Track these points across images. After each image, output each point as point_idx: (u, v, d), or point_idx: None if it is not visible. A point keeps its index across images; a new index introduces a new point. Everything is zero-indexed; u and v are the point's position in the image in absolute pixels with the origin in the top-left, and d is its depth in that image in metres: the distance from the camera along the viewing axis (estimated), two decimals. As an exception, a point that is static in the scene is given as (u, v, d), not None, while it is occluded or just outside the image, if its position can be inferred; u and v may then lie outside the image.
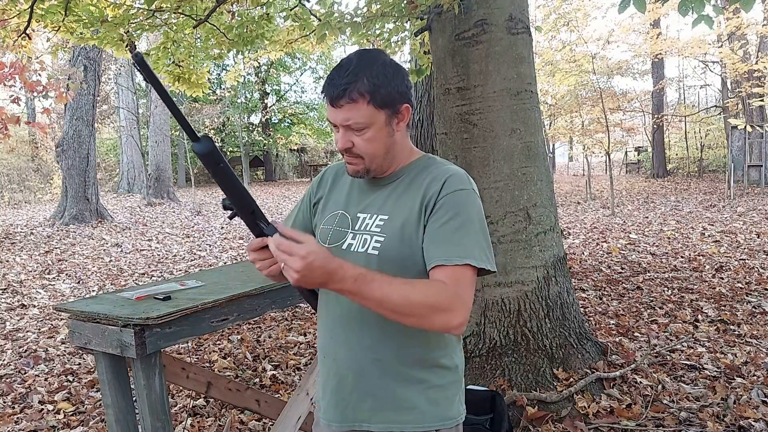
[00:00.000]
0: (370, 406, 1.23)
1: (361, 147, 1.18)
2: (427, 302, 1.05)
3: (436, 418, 1.22)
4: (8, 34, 4.34)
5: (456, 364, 1.27)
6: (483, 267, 1.13)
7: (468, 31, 3.04)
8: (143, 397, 1.82)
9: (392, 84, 1.16)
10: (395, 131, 1.21)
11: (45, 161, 22.23)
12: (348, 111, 1.14)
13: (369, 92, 1.13)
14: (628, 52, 17.55)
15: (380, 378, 1.22)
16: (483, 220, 1.18)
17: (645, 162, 21.54)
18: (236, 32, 4.34)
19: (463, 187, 1.17)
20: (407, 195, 1.21)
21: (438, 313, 1.06)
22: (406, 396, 1.21)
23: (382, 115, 1.16)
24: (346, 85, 1.13)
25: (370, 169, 1.22)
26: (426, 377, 1.22)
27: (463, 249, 1.11)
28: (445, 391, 1.24)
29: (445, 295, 1.07)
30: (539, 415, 2.72)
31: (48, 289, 6.18)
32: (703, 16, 2.45)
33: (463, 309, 1.08)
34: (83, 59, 11.22)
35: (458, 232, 1.13)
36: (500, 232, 3.03)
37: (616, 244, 7.38)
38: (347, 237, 1.25)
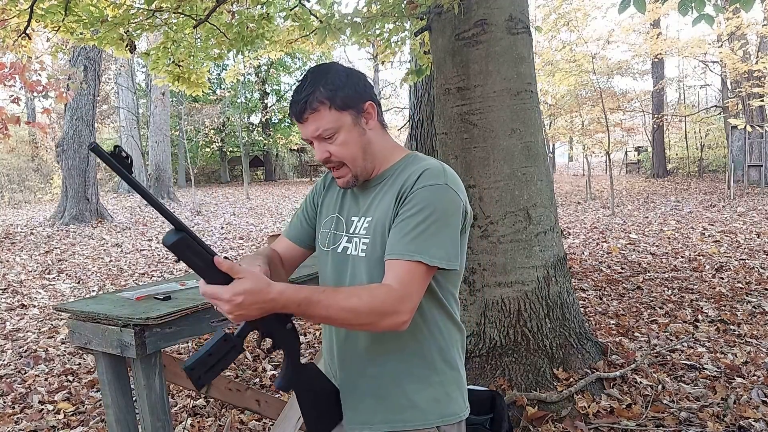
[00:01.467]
0: (371, 407, 1.23)
1: (338, 153, 1.21)
2: (373, 311, 1.07)
3: (437, 414, 1.22)
4: (8, 34, 4.34)
5: (455, 361, 1.27)
6: (436, 266, 1.12)
7: (468, 31, 3.04)
8: (143, 397, 1.82)
9: (348, 86, 1.20)
10: (366, 130, 1.23)
11: (45, 161, 22.23)
12: (314, 121, 1.18)
13: (328, 98, 1.17)
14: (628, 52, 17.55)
15: (379, 378, 1.23)
16: (452, 216, 1.15)
17: (645, 162, 21.54)
18: (236, 32, 4.33)
19: (435, 182, 1.15)
20: (388, 195, 1.22)
21: (384, 317, 1.08)
22: (406, 395, 1.21)
23: (347, 116, 1.20)
24: (305, 98, 1.18)
25: (357, 174, 1.24)
26: (425, 375, 1.22)
27: (417, 245, 1.11)
28: (445, 388, 1.24)
29: (392, 299, 1.08)
30: (539, 415, 2.72)
31: (48, 289, 6.18)
32: (703, 15, 2.44)
33: (408, 309, 1.10)
34: (83, 59, 11.22)
35: (418, 227, 1.12)
36: (500, 232, 3.03)
37: (616, 244, 7.38)
38: (342, 240, 1.28)
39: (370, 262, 1.20)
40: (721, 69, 16.14)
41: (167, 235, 0.99)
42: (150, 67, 4.75)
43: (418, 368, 1.22)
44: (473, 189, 3.08)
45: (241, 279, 1.00)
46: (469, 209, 1.23)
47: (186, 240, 0.99)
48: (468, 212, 1.22)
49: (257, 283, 1.00)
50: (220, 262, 1.00)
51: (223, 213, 13.66)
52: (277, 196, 18.28)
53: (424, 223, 1.12)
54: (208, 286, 1.01)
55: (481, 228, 3.06)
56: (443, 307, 1.24)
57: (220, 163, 28.19)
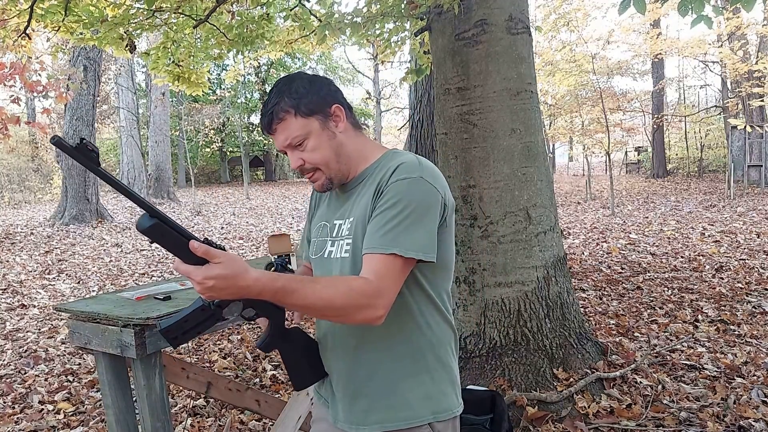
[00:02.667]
0: (364, 407, 1.24)
1: (311, 159, 1.23)
2: (349, 303, 1.08)
3: (429, 411, 1.22)
4: (8, 34, 4.34)
5: (448, 358, 1.27)
6: (412, 257, 1.12)
7: (468, 31, 3.04)
8: (143, 397, 1.82)
9: (312, 93, 1.23)
10: (336, 133, 1.25)
11: (45, 161, 22.24)
12: (282, 131, 1.22)
13: (292, 106, 1.21)
14: (628, 52, 17.55)
15: (370, 379, 1.23)
16: (427, 209, 1.15)
17: (645, 162, 21.54)
18: (236, 32, 4.33)
19: (409, 176, 1.16)
20: (367, 193, 1.23)
21: (359, 310, 1.09)
22: (398, 394, 1.22)
23: (314, 122, 1.22)
24: (271, 110, 1.22)
25: (332, 177, 1.26)
26: (417, 373, 1.22)
27: (391, 238, 1.12)
28: (438, 385, 1.24)
29: (368, 293, 1.09)
30: (539, 415, 2.72)
31: (48, 289, 6.18)
32: (702, 16, 2.44)
33: (384, 303, 1.10)
34: (83, 59, 11.22)
35: (393, 220, 1.13)
36: (500, 232, 3.03)
37: (616, 244, 7.38)
38: (327, 245, 1.30)
39: (355, 261, 1.20)
40: (721, 69, 16.14)
41: (141, 219, 0.98)
42: (150, 67, 4.75)
43: (409, 367, 1.22)
44: (473, 189, 3.08)
45: (215, 264, 0.99)
46: (451, 201, 1.23)
47: (160, 226, 0.98)
48: (448, 204, 1.21)
49: (231, 268, 0.99)
50: (195, 247, 0.98)
51: (223, 213, 13.66)
52: (277, 196, 18.28)
53: (399, 216, 1.13)
54: (183, 264, 1.01)
55: (481, 228, 3.06)
56: (434, 303, 1.24)
57: (220, 163, 28.20)
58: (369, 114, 28.21)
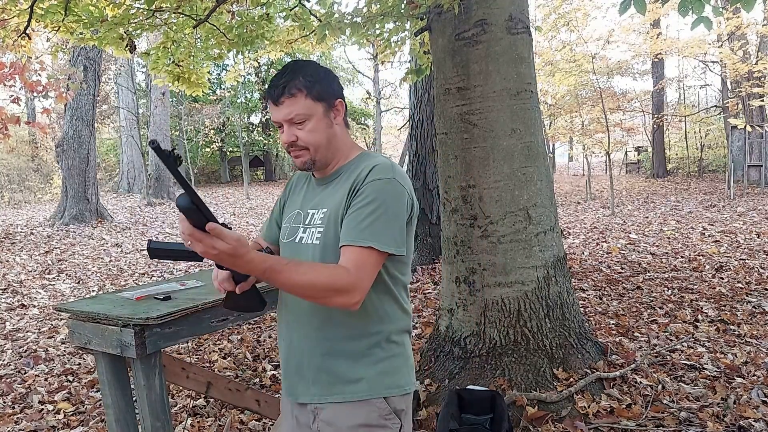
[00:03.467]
0: (326, 383, 1.34)
1: (305, 138, 1.32)
2: (329, 287, 1.19)
3: (383, 386, 1.33)
4: (8, 34, 4.34)
5: (402, 342, 1.38)
6: (386, 251, 1.24)
7: (468, 31, 3.04)
8: (143, 397, 1.82)
9: (325, 81, 1.33)
10: (333, 124, 1.36)
11: (45, 161, 22.24)
12: (289, 105, 1.30)
13: (306, 87, 1.30)
14: (628, 52, 17.52)
15: (330, 356, 1.34)
16: (399, 208, 1.27)
17: (645, 162, 21.52)
18: (236, 32, 4.33)
19: (384, 177, 1.27)
20: (342, 188, 1.34)
21: (338, 295, 1.20)
22: (354, 369, 1.32)
23: (319, 107, 1.32)
24: (285, 83, 1.30)
25: (316, 159, 1.35)
26: (372, 351, 1.33)
27: (370, 233, 1.23)
28: (392, 362, 1.35)
29: (346, 280, 1.20)
30: (539, 415, 2.72)
31: (48, 289, 6.18)
32: (702, 18, 2.44)
33: (360, 290, 1.22)
34: (83, 59, 11.22)
35: (370, 216, 1.24)
36: (500, 232, 3.03)
37: (616, 244, 7.38)
38: (299, 231, 1.40)
39: (324, 248, 1.32)
40: (721, 69, 16.13)
41: (180, 198, 1.10)
42: (150, 67, 4.75)
43: (366, 348, 1.33)
44: (473, 189, 3.08)
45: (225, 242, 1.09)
46: (416, 202, 1.35)
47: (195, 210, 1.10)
48: (414, 204, 1.33)
49: (236, 250, 1.10)
50: (210, 228, 1.08)
51: (223, 213, 13.66)
52: (276, 196, 18.26)
53: (375, 213, 1.24)
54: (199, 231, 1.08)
55: (481, 228, 3.06)
56: (390, 292, 1.35)
57: (220, 163, 28.19)
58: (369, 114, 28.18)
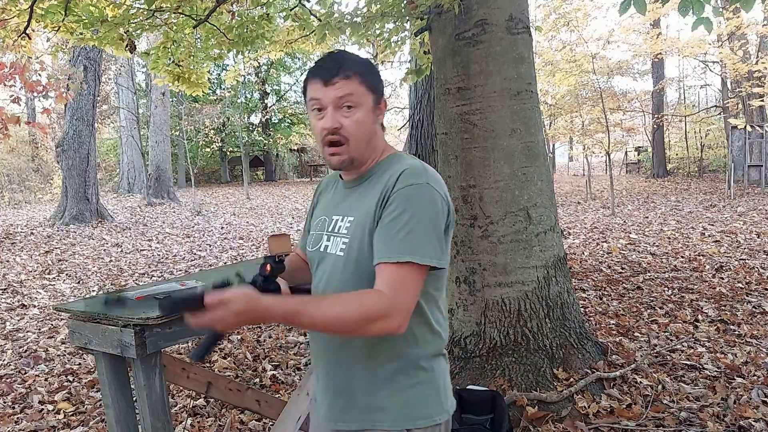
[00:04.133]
0: (343, 406, 1.26)
1: (349, 128, 1.19)
2: (361, 317, 1.07)
3: (406, 417, 1.21)
4: (8, 34, 4.34)
5: (431, 365, 1.25)
6: (427, 264, 1.11)
7: (468, 31, 3.04)
8: (143, 397, 1.82)
9: (376, 75, 1.24)
10: (377, 122, 1.25)
11: (45, 161, 22.23)
12: (342, 87, 1.17)
13: (361, 72, 1.19)
14: (628, 52, 17.54)
15: (350, 378, 1.25)
16: (435, 215, 1.15)
17: (645, 162, 21.51)
18: (236, 32, 4.34)
19: (416, 182, 1.15)
20: (370, 195, 1.22)
21: (374, 322, 1.08)
22: (375, 396, 1.22)
23: (370, 98, 1.22)
24: (340, 63, 1.18)
25: (354, 156, 1.22)
26: (396, 378, 1.22)
27: (406, 246, 1.10)
28: (419, 390, 1.22)
29: (381, 304, 1.08)
30: (539, 415, 2.72)
31: (48, 289, 6.18)
32: (702, 18, 2.44)
33: (400, 312, 1.09)
34: (83, 59, 11.21)
35: (404, 228, 1.11)
36: (500, 232, 3.03)
37: (616, 244, 7.37)
38: (323, 239, 1.30)
39: (347, 261, 1.21)
40: (721, 69, 16.13)
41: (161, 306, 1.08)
42: (150, 67, 4.75)
43: (390, 374, 1.22)
44: (473, 189, 3.08)
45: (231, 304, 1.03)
46: (452, 206, 1.22)
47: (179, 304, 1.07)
48: (450, 209, 1.21)
49: (245, 304, 1.03)
50: (208, 302, 1.02)
51: (223, 213, 13.66)
52: (277, 196, 18.28)
53: (410, 224, 1.11)
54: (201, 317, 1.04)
55: (481, 228, 3.06)
56: (420, 313, 1.20)
57: (220, 163, 28.18)
58: (369, 114, 28.18)
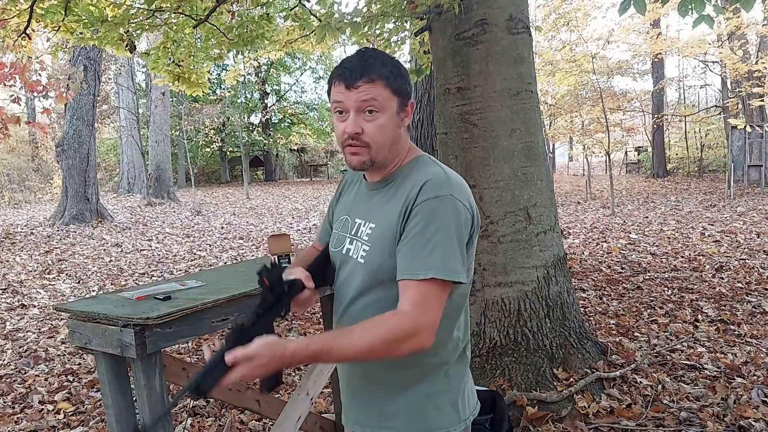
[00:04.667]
0: (359, 408, 1.28)
1: (371, 133, 1.16)
2: (390, 340, 1.06)
3: (421, 426, 1.20)
4: (8, 34, 4.34)
5: (449, 378, 1.24)
6: (450, 280, 1.10)
7: (468, 31, 3.04)
8: (143, 397, 1.82)
9: (405, 76, 1.19)
10: (401, 125, 1.22)
11: (45, 161, 22.23)
12: (366, 91, 1.13)
13: (386, 76, 1.15)
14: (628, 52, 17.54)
15: (366, 383, 1.26)
16: (458, 228, 1.12)
17: (645, 162, 21.52)
18: (236, 32, 4.34)
19: (438, 194, 1.12)
20: (393, 202, 1.20)
21: (403, 343, 1.07)
22: (391, 402, 1.22)
23: (394, 102, 1.17)
24: (364, 66, 1.14)
25: (375, 159, 1.19)
26: (411, 385, 1.21)
27: (430, 262, 1.09)
28: (434, 400, 1.21)
29: (406, 325, 1.07)
30: (539, 415, 2.72)
31: (48, 289, 6.18)
32: (703, 16, 2.44)
33: (427, 329, 1.08)
34: (83, 59, 11.22)
35: (428, 243, 1.10)
36: (500, 232, 3.03)
37: (616, 244, 7.37)
38: (346, 242, 1.28)
39: (367, 269, 1.20)
40: (721, 69, 16.13)
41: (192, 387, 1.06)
42: (150, 67, 4.75)
43: (404, 381, 1.21)
44: (473, 189, 3.08)
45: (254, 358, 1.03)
46: (477, 215, 1.19)
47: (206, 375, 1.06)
48: (475, 219, 1.18)
49: (269, 355, 1.04)
50: (230, 360, 1.03)
51: (223, 213, 13.66)
52: (277, 196, 18.28)
53: (434, 239, 1.09)
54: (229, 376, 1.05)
55: (481, 228, 3.06)
56: (444, 325, 1.19)
57: (220, 163, 28.19)
58: (369, 114, 28.16)
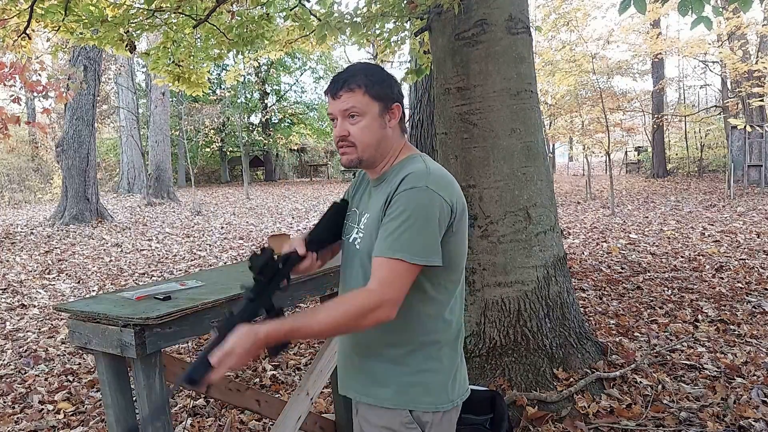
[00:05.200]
0: (362, 381, 1.39)
1: (356, 135, 1.33)
2: (357, 314, 1.20)
3: (409, 398, 1.32)
4: (8, 34, 4.34)
5: (442, 357, 1.35)
6: (416, 263, 1.22)
7: (468, 31, 3.04)
8: (143, 397, 1.82)
9: (385, 83, 1.35)
10: (387, 126, 1.36)
11: (45, 161, 22.24)
12: (346, 99, 1.32)
13: (365, 84, 1.32)
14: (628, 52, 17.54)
15: (368, 357, 1.37)
16: (431, 216, 1.24)
17: (645, 162, 21.53)
18: (236, 32, 4.34)
19: (415, 185, 1.26)
20: (381, 194, 1.35)
21: (366, 316, 1.21)
22: (387, 375, 1.33)
23: (376, 106, 1.33)
24: (346, 78, 1.33)
25: (363, 158, 1.35)
26: (406, 360, 1.33)
27: (399, 245, 1.22)
28: (425, 376, 1.33)
29: (371, 299, 1.21)
30: (539, 415, 2.72)
31: (48, 289, 6.18)
32: (702, 17, 2.44)
33: (389, 303, 1.21)
34: (83, 59, 11.22)
35: (399, 228, 1.23)
36: (500, 231, 3.03)
37: (616, 244, 7.37)
38: (353, 231, 1.43)
39: (360, 254, 1.36)
40: (721, 69, 16.14)
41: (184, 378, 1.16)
42: (150, 67, 4.75)
43: (396, 356, 1.33)
44: (473, 189, 3.08)
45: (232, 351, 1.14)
46: (458, 207, 1.31)
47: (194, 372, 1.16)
48: (456, 210, 1.29)
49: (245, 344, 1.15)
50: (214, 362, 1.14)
51: (223, 213, 13.65)
52: (277, 196, 18.28)
53: (404, 225, 1.23)
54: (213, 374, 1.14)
55: (481, 228, 3.06)
56: (433, 302, 1.33)
57: (220, 163, 28.18)
58: (369, 114, 28.16)
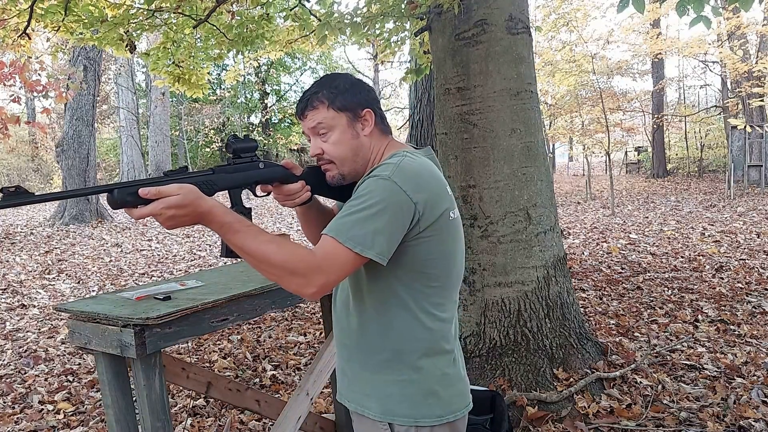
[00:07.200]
0: (344, 383, 1.38)
1: (329, 151, 1.30)
2: (285, 265, 1.11)
3: (388, 412, 1.27)
4: (8, 34, 4.34)
5: (421, 362, 1.26)
6: (348, 247, 1.13)
7: (468, 31, 3.04)
8: (143, 397, 1.82)
9: (350, 93, 1.30)
10: (360, 135, 1.32)
11: (45, 161, 22.25)
12: (312, 117, 1.30)
13: (327, 99, 1.29)
14: (628, 52, 17.54)
15: (350, 362, 1.35)
16: (386, 208, 1.15)
17: (645, 162, 21.53)
18: (236, 32, 4.34)
19: (378, 175, 1.20)
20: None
21: (294, 277, 1.12)
22: (368, 384, 1.31)
23: (343, 117, 1.29)
24: (308, 97, 1.31)
25: (343, 173, 1.32)
26: (384, 370, 1.28)
27: (338, 225, 1.16)
28: (404, 388, 1.26)
29: (307, 263, 1.12)
30: (539, 415, 2.72)
31: (48, 289, 6.18)
32: (701, 17, 2.44)
33: (319, 279, 1.13)
34: (83, 59, 11.22)
35: (347, 210, 1.18)
36: (500, 232, 3.03)
37: (616, 244, 7.38)
38: None
39: None
40: (721, 69, 16.14)
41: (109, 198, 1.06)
42: (150, 67, 4.76)
43: (377, 362, 1.29)
44: (473, 189, 3.08)
45: (170, 196, 1.06)
46: (426, 208, 1.19)
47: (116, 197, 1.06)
48: (421, 210, 1.19)
49: (186, 198, 1.07)
50: (144, 193, 1.05)
51: (223, 213, 13.64)
52: (277, 196, 18.27)
53: (354, 209, 1.17)
54: (140, 209, 1.06)
55: (481, 228, 3.07)
56: (407, 308, 1.25)
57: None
58: (369, 114, 28.19)
